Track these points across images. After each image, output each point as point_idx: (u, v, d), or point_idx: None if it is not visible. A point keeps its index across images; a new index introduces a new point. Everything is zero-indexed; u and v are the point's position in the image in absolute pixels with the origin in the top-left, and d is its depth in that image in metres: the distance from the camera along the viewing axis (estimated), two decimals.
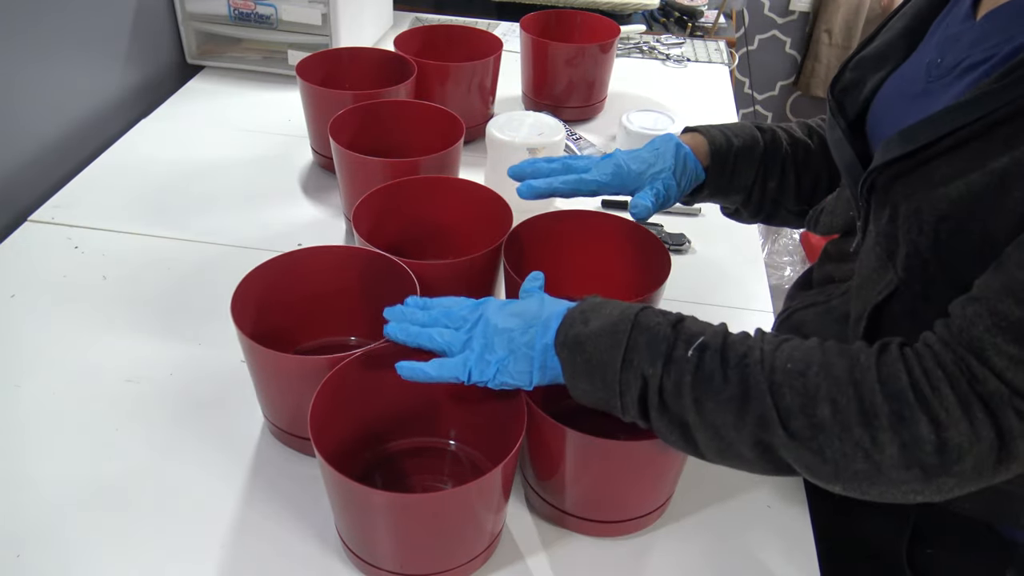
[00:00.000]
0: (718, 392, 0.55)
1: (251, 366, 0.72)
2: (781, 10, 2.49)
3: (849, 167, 0.68)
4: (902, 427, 0.50)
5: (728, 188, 0.84)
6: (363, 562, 0.64)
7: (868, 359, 0.53)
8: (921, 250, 0.56)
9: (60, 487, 0.70)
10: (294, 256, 0.78)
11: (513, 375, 0.62)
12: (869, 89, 0.70)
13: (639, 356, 0.57)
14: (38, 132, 1.07)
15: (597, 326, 0.59)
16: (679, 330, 0.58)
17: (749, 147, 0.83)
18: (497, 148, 1.06)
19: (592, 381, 0.59)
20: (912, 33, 0.69)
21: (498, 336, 0.62)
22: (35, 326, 0.86)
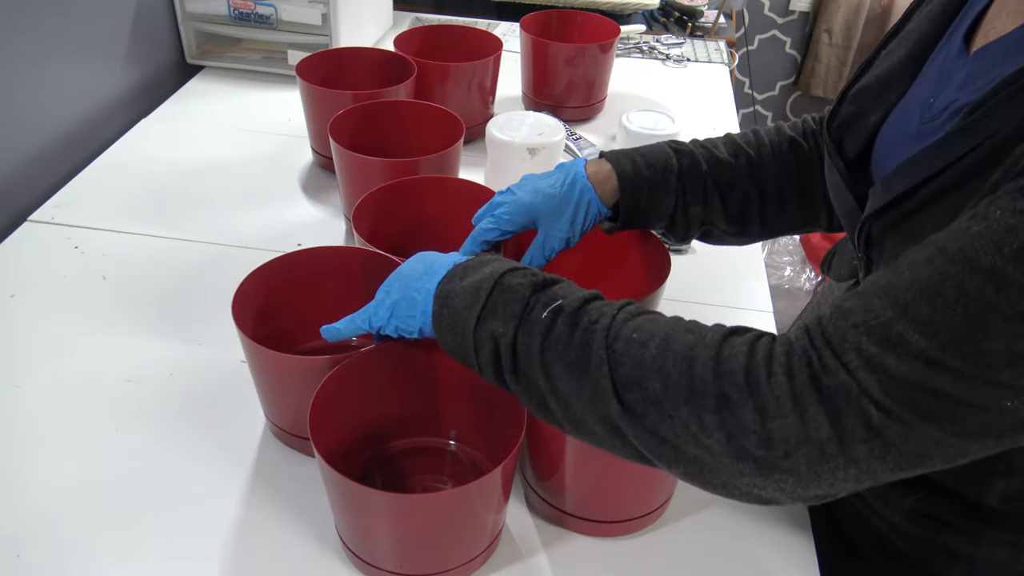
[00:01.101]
0: (563, 356, 0.53)
1: (252, 366, 0.72)
2: (781, 10, 2.49)
3: (848, 214, 0.65)
4: (727, 411, 0.47)
5: (646, 218, 0.78)
6: (363, 562, 0.64)
7: (713, 336, 0.51)
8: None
9: (60, 487, 0.70)
10: (294, 256, 0.78)
11: (403, 320, 0.62)
12: (872, 124, 0.65)
13: (493, 315, 0.56)
14: (38, 132, 1.07)
15: (468, 282, 0.58)
16: (541, 293, 0.56)
17: (662, 175, 0.76)
18: (497, 148, 1.06)
19: (454, 336, 0.58)
20: (915, 62, 0.64)
21: (398, 281, 0.63)
22: (35, 326, 0.86)
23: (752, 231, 0.80)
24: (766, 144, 0.79)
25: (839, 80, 2.49)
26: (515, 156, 1.03)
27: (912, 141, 0.59)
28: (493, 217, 0.76)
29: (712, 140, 0.80)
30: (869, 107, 0.66)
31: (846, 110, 0.68)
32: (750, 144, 0.79)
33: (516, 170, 0.96)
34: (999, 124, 0.48)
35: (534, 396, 0.56)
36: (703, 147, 0.79)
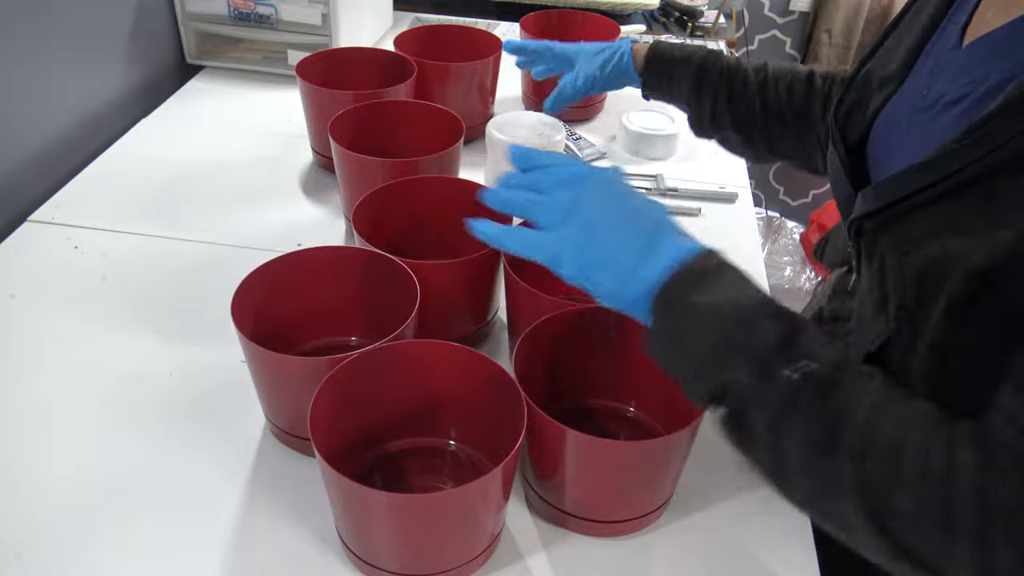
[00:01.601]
0: (803, 430, 0.49)
1: (252, 367, 0.72)
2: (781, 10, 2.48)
3: (845, 203, 0.64)
4: (983, 547, 0.44)
5: (669, 93, 0.94)
6: (363, 562, 0.64)
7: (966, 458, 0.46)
8: (907, 304, 0.53)
9: (60, 487, 0.70)
10: (294, 256, 0.78)
11: (596, 285, 0.56)
12: (872, 111, 0.66)
13: (733, 359, 0.51)
14: (38, 132, 1.07)
15: (706, 301, 0.52)
16: (790, 342, 0.51)
17: (686, 60, 0.91)
18: (497, 148, 1.06)
19: (676, 354, 0.54)
20: (914, 53, 0.64)
21: (604, 235, 0.56)
22: (35, 326, 0.86)
23: (757, 145, 0.90)
24: (786, 70, 0.88)
25: None
26: None
27: (904, 130, 0.60)
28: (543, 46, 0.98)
29: (747, 59, 0.91)
30: (870, 96, 0.66)
31: (850, 98, 0.69)
32: (775, 67, 0.89)
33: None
34: (1004, 137, 0.47)
35: (749, 447, 0.53)
36: (733, 59, 0.91)
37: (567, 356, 0.75)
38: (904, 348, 0.55)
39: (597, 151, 1.23)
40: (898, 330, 0.55)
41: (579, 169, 0.61)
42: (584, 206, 0.58)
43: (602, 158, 1.23)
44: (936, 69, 0.59)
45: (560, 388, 0.76)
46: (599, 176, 0.60)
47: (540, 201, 0.60)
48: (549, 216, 0.59)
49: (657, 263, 0.54)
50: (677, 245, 0.56)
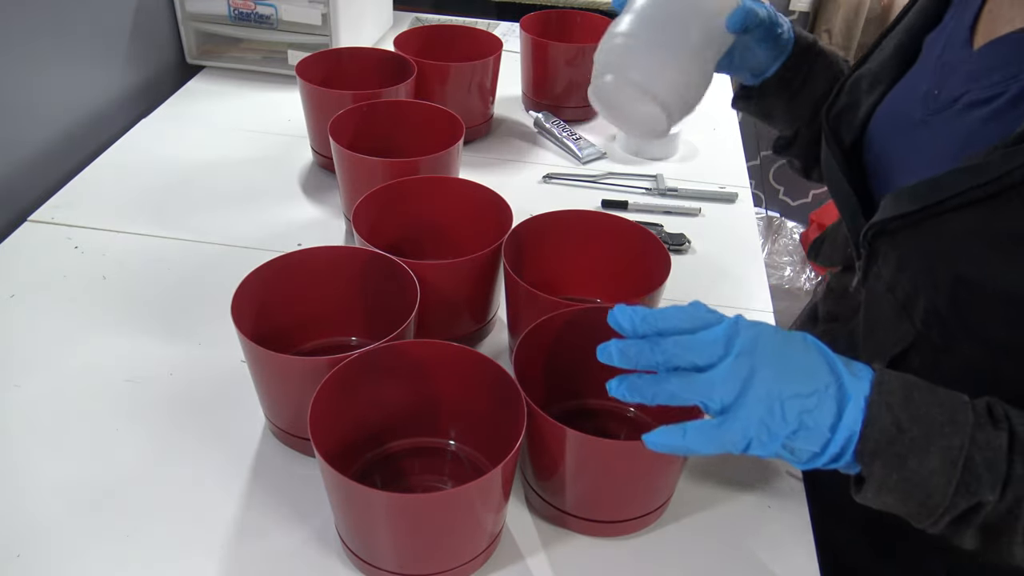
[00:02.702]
0: None
1: (252, 367, 0.72)
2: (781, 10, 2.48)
3: (845, 201, 0.65)
4: None
5: (799, 91, 0.77)
6: (363, 562, 0.64)
7: None
8: (939, 307, 0.52)
9: (60, 487, 0.70)
10: (294, 256, 0.78)
11: (798, 453, 0.50)
12: (864, 112, 0.66)
13: (978, 482, 0.48)
14: (38, 132, 1.07)
15: (921, 435, 0.48)
16: (1016, 439, 0.49)
17: (831, 55, 0.77)
18: None
19: (906, 499, 0.50)
20: (904, 50, 0.66)
21: (787, 403, 0.49)
22: (35, 326, 0.86)
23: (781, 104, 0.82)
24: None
25: None
26: None
27: (915, 129, 0.59)
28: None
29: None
30: (862, 97, 0.67)
31: (842, 100, 0.69)
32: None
33: None
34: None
35: (1009, 550, 0.50)
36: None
37: (567, 356, 0.75)
38: (935, 350, 0.54)
39: (597, 151, 1.23)
40: (926, 333, 0.54)
41: (727, 328, 0.52)
42: (756, 375, 0.50)
43: (602, 158, 1.23)
44: (944, 69, 0.59)
45: (560, 388, 0.76)
46: (741, 332, 0.52)
47: (703, 381, 0.51)
48: (721, 396, 0.50)
49: (853, 409, 0.50)
50: (858, 381, 0.51)
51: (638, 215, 1.10)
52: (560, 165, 1.21)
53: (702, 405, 0.51)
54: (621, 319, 0.53)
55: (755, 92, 0.80)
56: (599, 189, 1.16)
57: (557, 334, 0.73)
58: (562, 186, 1.16)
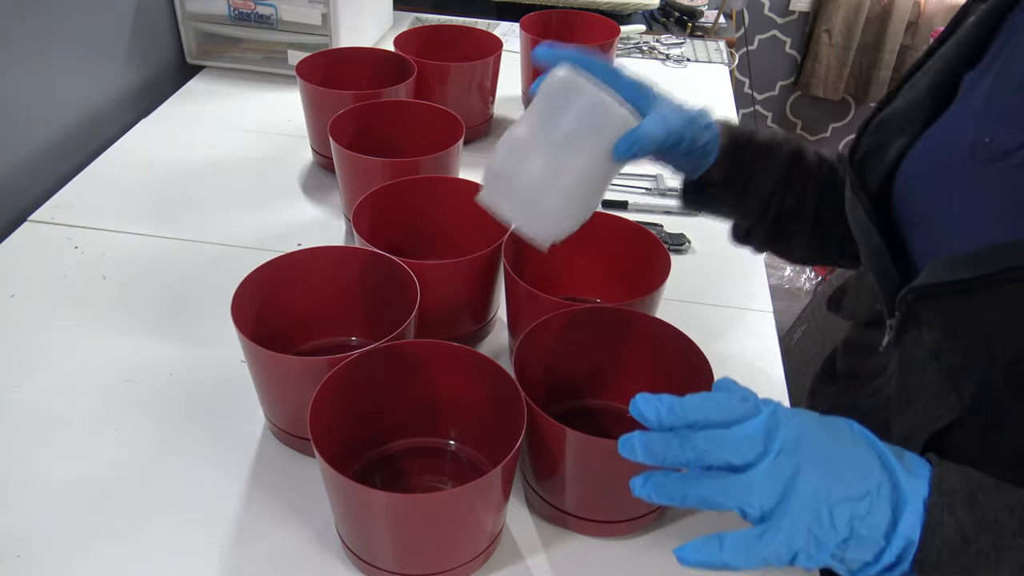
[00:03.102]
0: None
1: (252, 367, 0.72)
2: (781, 10, 2.49)
3: (876, 256, 0.59)
4: None
5: (743, 190, 0.70)
6: (363, 562, 0.64)
7: None
8: (994, 382, 0.48)
9: (60, 487, 0.70)
10: (294, 256, 0.78)
11: (850, 562, 0.45)
12: (893, 156, 0.61)
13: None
14: (38, 132, 1.07)
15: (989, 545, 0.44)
16: None
17: (773, 147, 0.70)
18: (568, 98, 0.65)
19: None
20: (939, 89, 0.59)
21: (837, 507, 0.44)
22: (35, 326, 0.86)
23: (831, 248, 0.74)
24: (827, 160, 0.75)
25: (839, 80, 2.49)
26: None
27: (961, 181, 0.53)
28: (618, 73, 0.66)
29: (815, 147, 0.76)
30: (890, 139, 0.61)
31: (867, 142, 0.63)
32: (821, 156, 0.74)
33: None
34: None
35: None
36: (812, 145, 0.74)
37: (567, 356, 0.75)
38: (986, 428, 0.50)
39: None
40: (976, 408, 0.49)
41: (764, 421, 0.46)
42: (800, 476, 0.44)
43: None
44: (994, 114, 0.53)
45: (560, 388, 0.76)
46: (792, 425, 0.46)
47: (740, 484, 0.45)
48: (761, 502, 0.45)
49: (911, 515, 0.45)
50: (915, 479, 0.46)
51: (638, 215, 1.10)
52: None
53: (739, 511, 0.45)
54: (645, 410, 0.47)
55: (697, 195, 0.72)
56: None
57: (557, 334, 0.73)
58: None
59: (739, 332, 0.92)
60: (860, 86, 2.53)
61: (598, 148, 0.62)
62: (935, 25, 2.34)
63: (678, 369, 0.72)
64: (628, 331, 0.75)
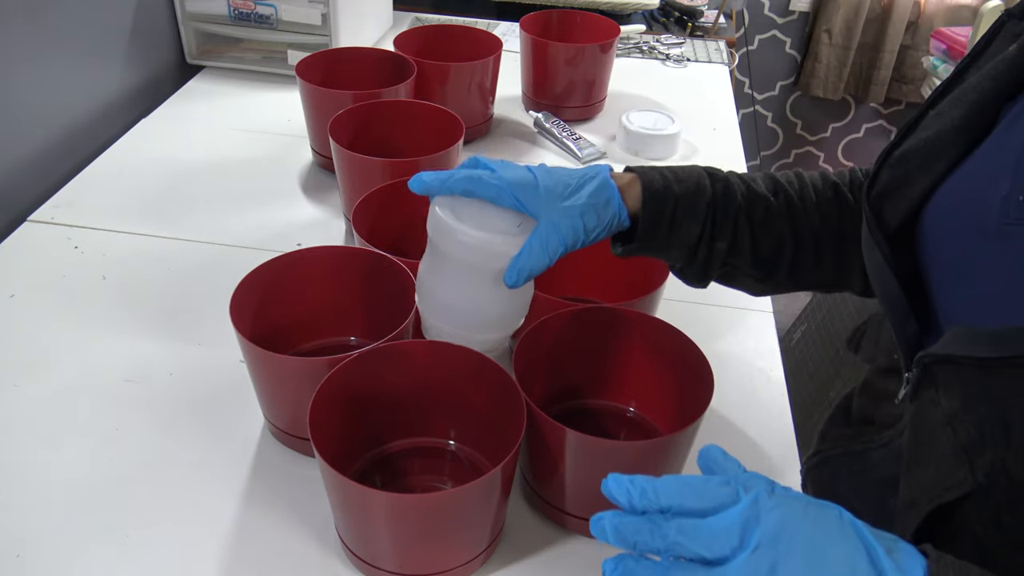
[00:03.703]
0: None
1: (250, 367, 0.72)
2: (781, 10, 2.49)
3: (894, 302, 0.56)
4: None
5: (667, 244, 0.67)
6: (363, 562, 0.64)
7: None
8: (1009, 467, 0.45)
9: (60, 487, 0.70)
10: (293, 257, 0.78)
11: None
12: (918, 192, 0.56)
13: None
14: (38, 132, 1.07)
15: None
16: None
17: (693, 196, 0.66)
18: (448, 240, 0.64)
19: None
20: (971, 127, 0.54)
21: None
22: (35, 326, 0.86)
23: (779, 279, 0.71)
24: (809, 187, 0.70)
25: (839, 80, 2.49)
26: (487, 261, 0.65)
27: (989, 240, 0.50)
28: (492, 178, 0.62)
29: (750, 174, 0.71)
30: (915, 175, 0.56)
31: (887, 176, 0.58)
32: (791, 184, 0.70)
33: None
34: None
35: None
36: (739, 178, 0.70)
37: (567, 356, 0.75)
38: (997, 508, 0.47)
39: (597, 151, 1.23)
40: (988, 488, 0.46)
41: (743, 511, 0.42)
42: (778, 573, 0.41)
43: (602, 158, 1.23)
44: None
45: (560, 388, 0.76)
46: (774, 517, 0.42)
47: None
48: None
49: None
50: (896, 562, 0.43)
51: None
52: (560, 165, 1.21)
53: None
54: (616, 492, 0.45)
55: (625, 249, 0.69)
56: None
57: (557, 334, 0.73)
58: None
59: (739, 332, 0.92)
60: (860, 86, 2.53)
61: (489, 276, 0.63)
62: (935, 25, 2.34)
63: (678, 369, 0.72)
64: (628, 331, 0.75)
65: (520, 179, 0.63)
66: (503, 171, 0.63)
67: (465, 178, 0.63)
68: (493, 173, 0.63)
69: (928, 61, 2.15)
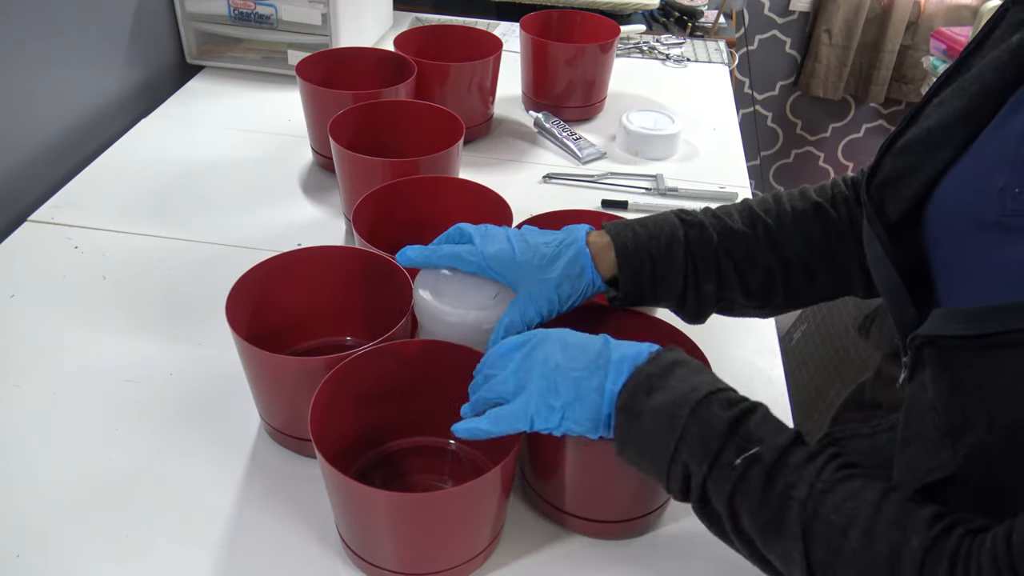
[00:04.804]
0: (754, 513, 0.51)
1: (246, 367, 0.72)
2: (781, 10, 2.48)
3: (892, 291, 0.57)
4: None
5: (653, 297, 0.70)
6: (364, 562, 0.64)
7: (920, 545, 0.45)
8: (989, 450, 0.47)
9: (60, 487, 0.70)
10: (288, 257, 0.78)
11: (580, 422, 0.57)
12: (921, 181, 0.56)
13: (689, 450, 0.53)
14: (38, 132, 1.07)
15: (659, 401, 0.54)
16: (737, 432, 0.52)
17: (668, 248, 0.69)
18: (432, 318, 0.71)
19: (642, 456, 0.56)
20: (974, 117, 0.54)
21: (561, 376, 0.57)
22: (35, 326, 0.86)
23: (777, 303, 0.73)
24: (787, 211, 0.71)
25: (839, 80, 2.49)
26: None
27: (987, 230, 0.50)
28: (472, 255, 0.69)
29: (725, 208, 0.73)
30: (918, 164, 0.57)
31: (890, 166, 0.59)
32: (769, 212, 0.71)
33: None
34: None
35: (713, 525, 0.55)
36: (715, 216, 0.72)
37: None
38: (977, 491, 0.49)
39: (597, 151, 1.23)
40: (968, 470, 0.49)
41: (510, 340, 0.62)
42: (533, 364, 0.59)
43: (602, 158, 1.23)
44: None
45: None
46: (532, 335, 0.61)
47: (494, 380, 0.60)
48: (507, 388, 0.59)
49: (620, 371, 0.56)
50: (627, 355, 0.57)
51: (638, 215, 1.10)
52: (560, 165, 1.21)
53: (501, 396, 0.60)
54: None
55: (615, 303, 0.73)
56: (599, 189, 1.16)
57: None
58: (562, 186, 1.16)
59: (739, 332, 0.92)
60: (860, 86, 2.53)
61: (477, 345, 0.69)
62: (935, 25, 2.34)
63: None
64: (628, 330, 0.75)
65: (498, 253, 0.69)
66: (483, 245, 0.69)
67: (447, 255, 0.70)
68: (474, 248, 0.70)
69: (928, 61, 2.15)
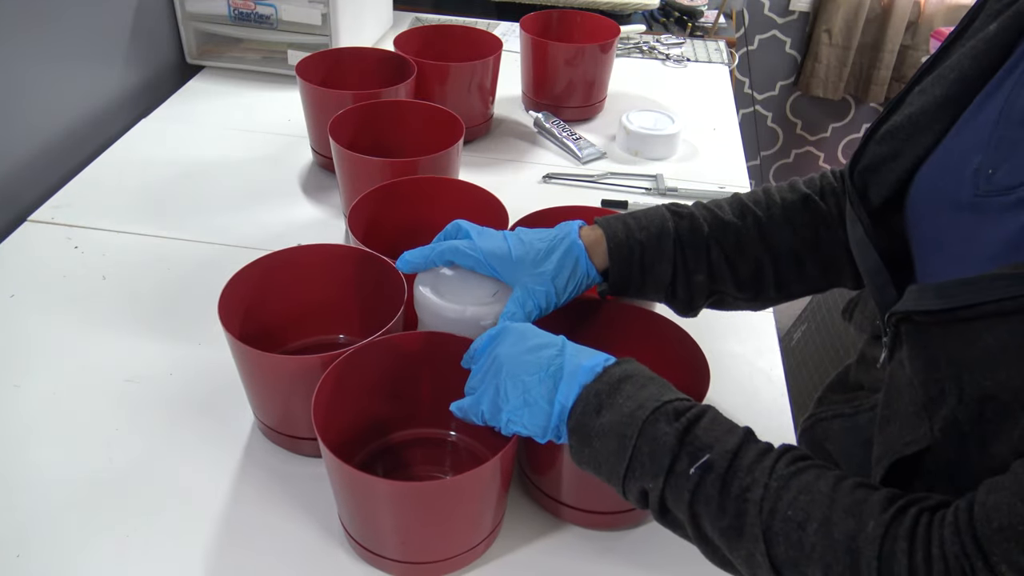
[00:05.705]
0: (715, 518, 0.52)
1: (240, 367, 0.72)
2: (781, 10, 2.48)
3: (874, 273, 0.59)
4: None
5: (642, 286, 0.71)
6: (367, 551, 0.64)
7: (877, 528, 0.46)
8: (961, 421, 0.48)
9: (60, 487, 0.70)
10: (280, 256, 0.78)
11: (527, 427, 0.59)
12: (902, 166, 0.58)
13: (642, 469, 0.54)
14: (38, 132, 1.07)
15: (607, 421, 0.55)
16: (686, 442, 0.53)
17: (657, 239, 0.70)
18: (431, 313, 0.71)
19: (598, 474, 0.57)
20: (953, 104, 0.56)
21: (511, 381, 0.59)
22: (35, 326, 0.86)
23: (768, 295, 0.74)
24: (777, 203, 0.72)
25: (839, 80, 2.49)
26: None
27: (961, 211, 0.52)
28: (470, 248, 0.70)
29: (716, 201, 0.74)
30: (900, 150, 0.59)
31: (873, 152, 0.60)
32: (759, 204, 0.72)
33: None
34: None
35: (677, 531, 0.56)
36: (706, 208, 0.73)
37: None
38: (948, 459, 0.51)
39: (597, 151, 1.23)
40: (943, 443, 0.50)
41: (487, 333, 0.64)
42: (492, 362, 0.61)
43: (602, 158, 1.23)
44: (1001, 145, 0.51)
45: None
46: (501, 330, 0.63)
47: (472, 371, 0.64)
48: (475, 382, 0.63)
49: (569, 392, 0.57)
50: (579, 370, 0.58)
51: None
52: (560, 165, 1.21)
53: (468, 387, 0.64)
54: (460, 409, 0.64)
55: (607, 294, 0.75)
56: (599, 189, 1.16)
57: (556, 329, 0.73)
58: (562, 186, 1.16)
59: (739, 332, 0.92)
60: (860, 86, 2.53)
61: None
62: (935, 25, 2.34)
63: (678, 369, 0.72)
64: (629, 327, 0.75)
65: (495, 249, 0.69)
66: (480, 241, 0.70)
67: (446, 250, 0.71)
68: (472, 243, 0.70)
69: None
